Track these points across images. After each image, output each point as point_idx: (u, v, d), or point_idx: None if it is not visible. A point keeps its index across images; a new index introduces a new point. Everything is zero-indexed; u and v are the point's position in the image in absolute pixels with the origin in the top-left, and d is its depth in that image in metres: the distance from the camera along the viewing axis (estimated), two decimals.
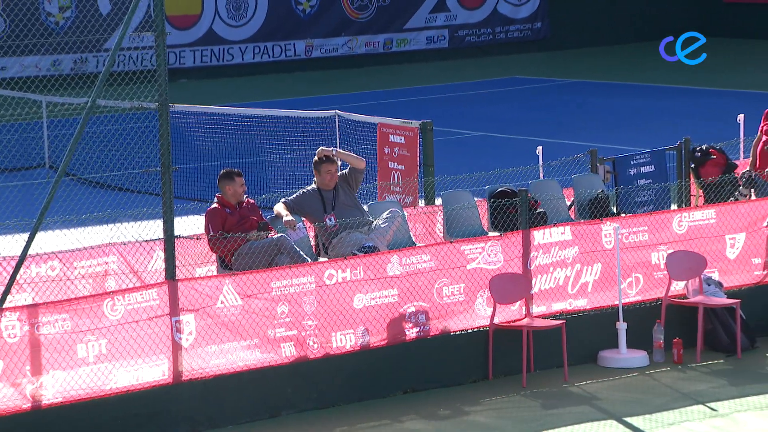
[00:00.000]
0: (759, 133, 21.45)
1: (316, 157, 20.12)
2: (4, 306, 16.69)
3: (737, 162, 22.49)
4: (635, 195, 21.83)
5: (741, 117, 23.51)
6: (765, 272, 20.83)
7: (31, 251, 17.35)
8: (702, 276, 19.94)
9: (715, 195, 21.54)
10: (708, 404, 18.07)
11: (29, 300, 17.27)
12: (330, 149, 19.91)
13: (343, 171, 20.21)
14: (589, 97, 37.68)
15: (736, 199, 21.42)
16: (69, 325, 16.59)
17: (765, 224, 20.62)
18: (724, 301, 19.82)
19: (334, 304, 18.14)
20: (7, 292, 16.85)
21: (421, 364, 18.62)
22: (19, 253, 17.15)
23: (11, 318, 16.32)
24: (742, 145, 23.58)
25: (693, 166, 22.14)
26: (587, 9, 43.80)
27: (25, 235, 17.17)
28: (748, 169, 21.87)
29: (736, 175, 22.11)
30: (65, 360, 16.62)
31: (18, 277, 17.18)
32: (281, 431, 17.42)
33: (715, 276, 20.15)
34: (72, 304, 17.05)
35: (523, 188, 20.38)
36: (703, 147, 22.30)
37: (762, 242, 20.74)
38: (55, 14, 37.60)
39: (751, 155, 21.98)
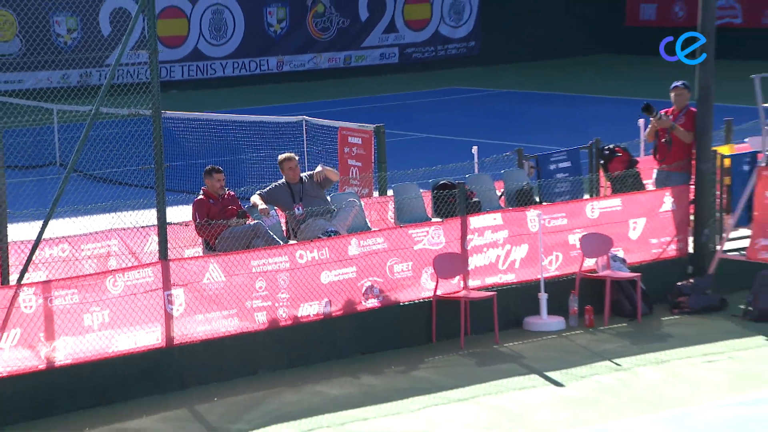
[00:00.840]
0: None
1: (280, 157, 20.20)
2: (22, 282, 16.68)
3: (638, 159, 22.50)
4: (554, 187, 21.85)
5: (641, 121, 23.56)
6: (661, 250, 20.88)
7: (44, 236, 17.34)
8: (609, 254, 20.03)
9: (620, 186, 21.59)
10: (613, 360, 18.19)
11: (43, 277, 17.25)
12: (319, 169, 19.91)
13: (317, 172, 20.24)
14: (516, 104, 37.68)
15: None
16: (77, 298, 16.61)
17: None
18: (627, 274, 19.94)
19: (304, 280, 18.21)
20: (24, 270, 16.89)
21: (376, 329, 18.71)
22: (34, 238, 17.16)
23: (28, 292, 16.32)
24: (642, 145, 23.62)
25: (602, 162, 22.15)
26: (513, 30, 43.85)
27: (39, 223, 17.20)
28: None
29: (638, 170, 22.13)
30: (74, 327, 16.64)
31: (34, 257, 17.19)
32: (257, 387, 17.39)
33: (620, 254, 20.28)
34: (79, 280, 17.07)
35: (461, 181, 20.40)
36: (610, 146, 22.31)
37: (659, 225, 20.77)
38: (64, 35, 37.39)
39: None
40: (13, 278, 16.85)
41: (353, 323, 18.67)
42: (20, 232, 17.27)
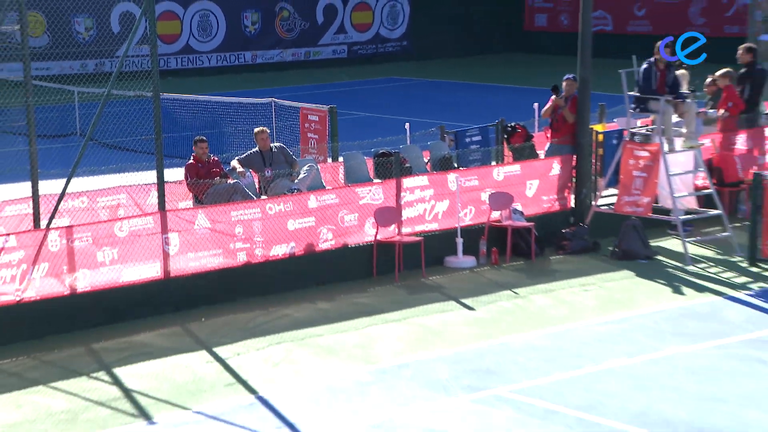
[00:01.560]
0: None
1: (254, 130, 20.22)
2: (49, 227, 16.66)
3: (533, 134, 22.56)
4: (469, 155, 21.90)
5: (536, 105, 23.63)
6: (550, 205, 20.98)
7: (67, 191, 17.33)
8: (510, 208, 20.09)
9: (519, 155, 21.69)
10: (512, 289, 18.33)
11: (66, 223, 17.23)
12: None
13: (283, 147, 20.35)
14: (439, 91, 37.62)
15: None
16: (92, 239, 16.58)
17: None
18: (524, 224, 19.98)
19: (273, 227, 18.23)
20: (51, 217, 16.95)
21: (329, 266, 18.77)
22: (59, 192, 17.14)
23: (54, 235, 16.41)
24: (536, 123, 23.69)
25: (505, 136, 22.22)
26: (437, 33, 43.73)
27: (63, 180, 17.15)
28: None
29: (533, 143, 22.22)
30: (90, 262, 16.69)
31: (59, 207, 17.14)
32: (236, 310, 17.43)
33: (519, 207, 20.27)
34: (94, 225, 17.09)
35: (396, 151, 20.46)
36: (512, 124, 22.38)
37: (549, 186, 20.86)
38: (83, 32, 37.04)
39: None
40: (42, 223, 16.81)
41: (312, 261, 18.72)
42: (48, 187, 17.17)
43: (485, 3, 45.12)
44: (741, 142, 22.42)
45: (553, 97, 21.20)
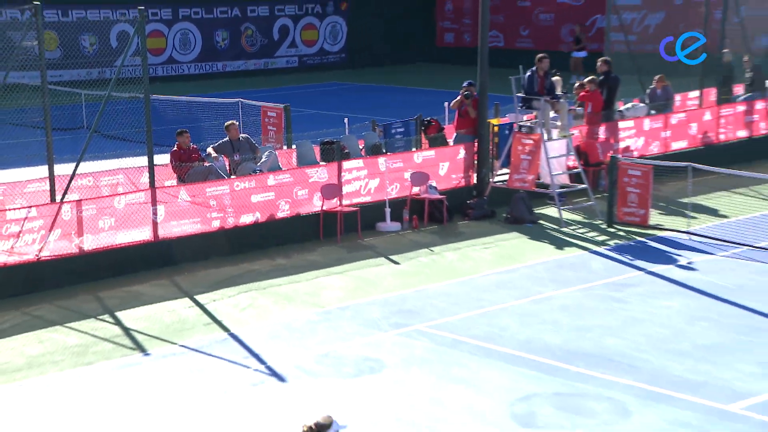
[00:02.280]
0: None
1: (225, 123, 20.12)
2: (63, 200, 16.57)
3: (444, 126, 22.59)
4: (394, 143, 21.84)
5: (446, 104, 23.64)
6: (458, 181, 20.97)
7: (77, 172, 17.21)
8: (427, 184, 20.09)
9: (433, 143, 21.68)
10: (429, 248, 18.33)
11: (76, 197, 16.98)
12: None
13: (248, 137, 20.28)
14: (371, 93, 37.52)
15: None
16: (95, 211, 16.47)
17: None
18: (438, 197, 19.90)
19: (240, 200, 18.13)
20: (65, 193, 16.74)
21: (285, 230, 18.66)
22: (70, 173, 17.03)
23: (66, 207, 16.39)
24: (446, 117, 23.70)
25: (423, 128, 22.20)
26: (369, 47, 43.56)
27: (73, 164, 17.03)
28: None
29: (444, 134, 22.24)
30: (93, 228, 16.53)
31: (70, 185, 17.02)
32: (211, 266, 17.36)
33: (434, 184, 20.21)
34: (98, 200, 16.94)
35: (338, 140, 20.43)
36: (428, 118, 22.38)
37: (456, 167, 20.90)
38: (88, 46, 36.53)
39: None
40: (57, 198, 16.66)
41: (272, 227, 18.62)
42: (61, 169, 17.00)
43: (406, 24, 44.84)
44: (601, 132, 22.65)
45: (461, 95, 21.36)
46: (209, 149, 19.82)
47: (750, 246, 17.94)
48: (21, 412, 11.97)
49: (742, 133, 25.25)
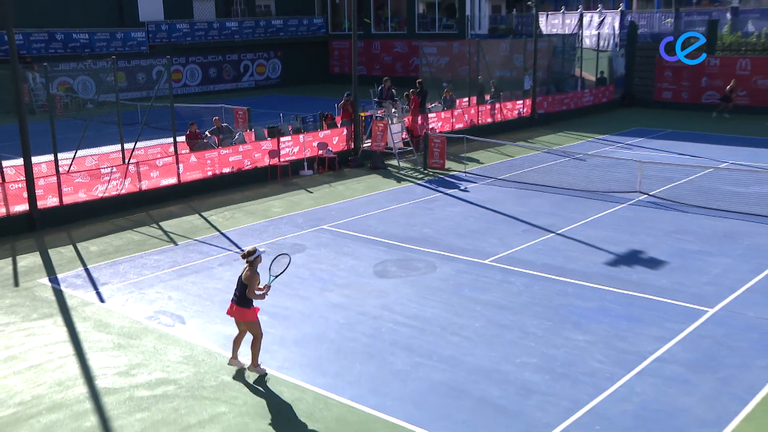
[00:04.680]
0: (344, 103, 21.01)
1: (214, 119, 19.28)
2: (128, 163, 15.67)
3: (336, 117, 21.99)
4: (309, 127, 21.20)
5: (336, 105, 23.03)
6: (344, 146, 20.49)
7: (136, 147, 16.27)
8: (327, 148, 19.67)
9: (330, 126, 21.14)
10: (329, 183, 17.83)
11: (135, 161, 16.13)
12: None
13: (227, 125, 19.43)
14: (296, 100, 36.44)
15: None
16: (148, 167, 15.68)
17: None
18: (333, 155, 19.47)
19: (224, 160, 17.52)
20: (129, 158, 15.90)
21: (249, 176, 18.04)
22: (132, 147, 16.07)
23: (132, 167, 15.39)
24: (336, 112, 23.11)
25: (323, 118, 21.59)
26: (294, 75, 42.24)
27: (132, 143, 16.06)
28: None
29: (336, 122, 21.74)
30: (146, 176, 15.74)
31: (133, 154, 16.13)
32: (209, 197, 16.77)
33: (330, 148, 19.81)
34: (148, 161, 16.05)
35: (277, 125, 19.77)
36: (326, 113, 21.78)
37: (342, 139, 20.50)
38: (140, 79, 34.45)
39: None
40: (126, 161, 15.81)
41: (241, 174, 17.90)
42: (127, 145, 16.12)
43: (313, 62, 43.39)
44: (419, 119, 22.50)
45: (344, 100, 20.97)
46: (206, 132, 19.01)
47: (494, 178, 18.14)
48: (117, 280, 11.43)
49: (489, 120, 25.40)
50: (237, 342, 8.32)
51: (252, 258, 8.03)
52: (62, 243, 13.43)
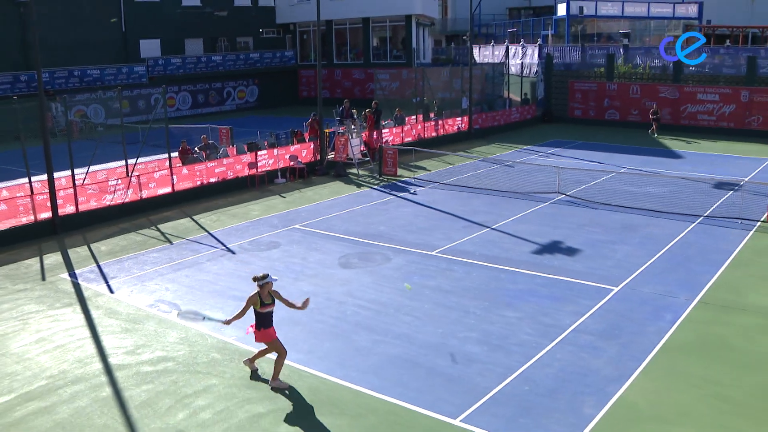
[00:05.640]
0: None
1: (202, 136, 18.84)
2: (131, 175, 15.13)
3: (305, 134, 21.62)
4: (282, 141, 20.88)
5: (305, 123, 22.61)
6: (311, 158, 20.07)
7: (138, 162, 15.71)
8: (297, 159, 19.27)
9: (299, 141, 20.83)
10: (299, 190, 17.59)
11: (136, 173, 15.65)
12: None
13: (213, 142, 18.99)
14: (270, 121, 35.85)
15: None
16: (146, 178, 15.30)
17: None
18: (302, 166, 19.20)
19: (210, 171, 17.10)
20: (132, 171, 15.37)
21: (231, 184, 17.59)
22: (134, 161, 15.53)
23: (133, 178, 14.79)
24: (305, 129, 22.78)
25: (294, 135, 21.35)
26: (271, 98, 41.44)
27: (134, 158, 15.50)
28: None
29: (305, 137, 21.44)
30: (146, 187, 15.28)
31: (135, 167, 15.56)
32: (199, 203, 16.30)
33: (300, 159, 19.50)
34: (147, 173, 15.56)
35: (255, 141, 19.40)
36: (296, 130, 21.42)
37: (309, 151, 20.20)
38: (141, 105, 33.36)
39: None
40: (129, 173, 15.24)
41: (226, 184, 17.48)
42: (129, 160, 15.57)
43: (286, 87, 42.76)
44: (374, 135, 22.40)
45: (311, 119, 20.76)
46: (196, 148, 18.56)
47: (439, 182, 18.11)
48: (123, 274, 11.05)
49: (433, 134, 25.60)
50: (261, 353, 7.72)
51: (262, 283, 7.32)
52: (78, 244, 13.10)
